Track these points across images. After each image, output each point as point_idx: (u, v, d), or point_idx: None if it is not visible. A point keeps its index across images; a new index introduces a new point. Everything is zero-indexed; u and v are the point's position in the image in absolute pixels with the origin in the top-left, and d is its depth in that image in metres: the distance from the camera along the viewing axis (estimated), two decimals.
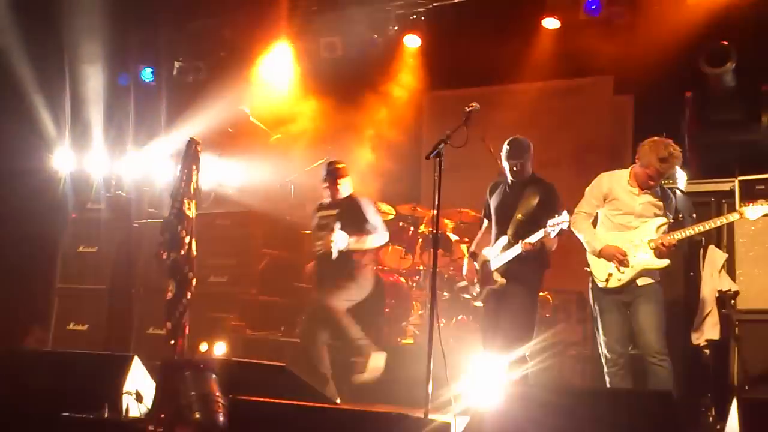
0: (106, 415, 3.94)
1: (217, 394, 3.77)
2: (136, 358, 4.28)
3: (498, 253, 5.19)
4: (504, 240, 5.16)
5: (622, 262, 4.81)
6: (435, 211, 4.58)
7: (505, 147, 5.30)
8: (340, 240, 5.72)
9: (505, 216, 5.27)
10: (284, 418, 3.59)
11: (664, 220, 4.86)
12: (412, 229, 7.71)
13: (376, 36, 8.67)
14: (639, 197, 4.90)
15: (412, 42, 8.72)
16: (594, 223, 5.09)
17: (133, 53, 9.56)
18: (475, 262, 5.47)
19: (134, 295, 7.83)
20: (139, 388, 4.13)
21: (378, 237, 5.97)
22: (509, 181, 5.30)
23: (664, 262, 4.79)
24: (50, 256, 8.26)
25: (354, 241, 5.80)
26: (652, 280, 4.86)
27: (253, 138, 8.81)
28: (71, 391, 4.11)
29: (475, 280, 5.41)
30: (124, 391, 4.08)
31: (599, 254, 4.91)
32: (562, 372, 6.36)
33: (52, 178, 8.92)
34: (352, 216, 5.89)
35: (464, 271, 5.58)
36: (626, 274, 4.82)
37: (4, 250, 8.31)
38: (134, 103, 9.51)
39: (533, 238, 4.93)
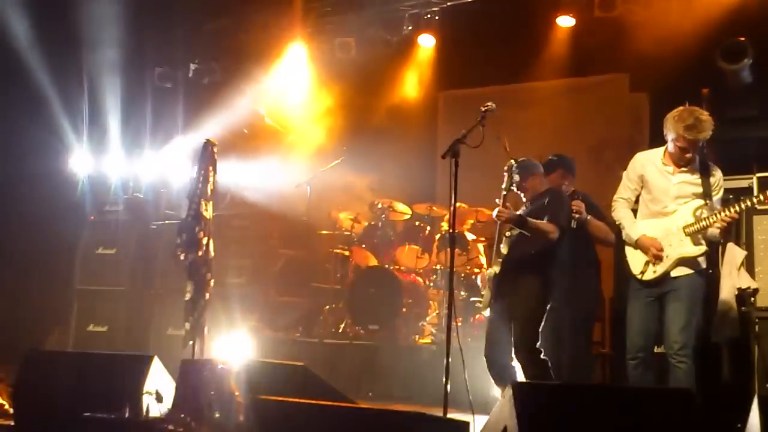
0: (126, 415, 3.97)
1: (237, 393, 3.79)
2: (156, 358, 4.31)
3: None
4: None
5: (658, 256, 4.60)
6: (451, 210, 4.58)
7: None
8: None
9: None
10: (303, 417, 3.60)
11: (700, 202, 4.59)
12: (428, 228, 7.71)
13: (389, 36, 8.67)
14: (674, 176, 4.65)
15: (426, 41, 8.71)
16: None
17: (150, 55, 9.61)
18: None
19: (153, 296, 7.87)
20: (159, 388, 4.16)
21: None
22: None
23: (701, 249, 4.57)
24: (69, 257, 8.33)
25: None
26: (690, 271, 4.60)
27: (268, 139, 8.85)
28: (92, 391, 4.15)
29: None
30: (144, 391, 4.10)
31: (635, 245, 4.72)
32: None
33: (70, 181, 9.01)
34: None
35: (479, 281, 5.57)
36: (661, 266, 4.61)
37: (24, 253, 8.40)
38: (151, 105, 9.57)
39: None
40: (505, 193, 5.08)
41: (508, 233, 5.12)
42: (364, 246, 7.81)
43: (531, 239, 4.99)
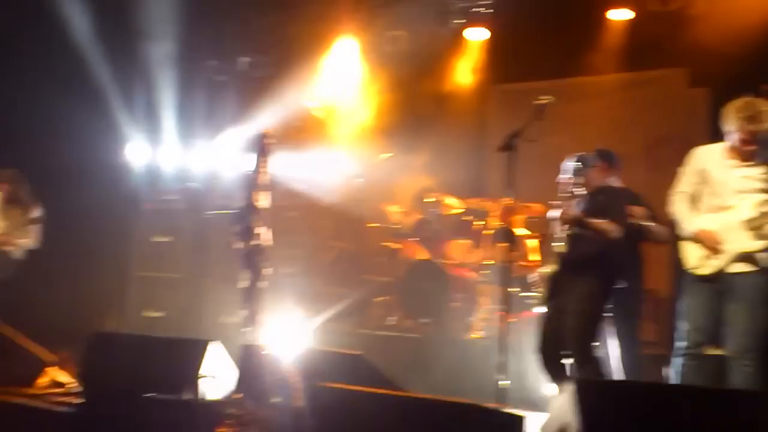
0: (186, 397, 4.06)
1: (296, 379, 3.84)
2: (213, 342, 4.38)
3: None
4: None
5: (716, 249, 4.48)
6: (506, 205, 4.58)
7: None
8: None
9: None
10: (361, 404, 3.64)
11: (763, 197, 4.42)
12: (479, 223, 7.68)
13: (441, 29, 8.64)
14: (736, 170, 4.52)
15: (478, 35, 8.66)
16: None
17: (203, 49, 9.75)
18: None
19: (207, 283, 8.01)
20: (218, 372, 4.24)
21: None
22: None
23: (762, 244, 4.40)
24: (124, 244, 8.54)
25: None
26: (751, 268, 4.44)
27: (319, 131, 8.92)
28: (152, 372, 4.25)
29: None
30: (201, 375, 4.18)
31: (692, 238, 4.60)
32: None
33: (127, 170, 9.21)
34: None
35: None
36: (719, 261, 4.49)
37: (82, 239, 8.62)
38: (204, 97, 9.72)
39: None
40: (569, 194, 5.05)
41: (565, 231, 5.09)
42: (414, 239, 7.83)
43: (590, 238, 4.96)
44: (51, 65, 8.28)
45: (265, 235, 5.53)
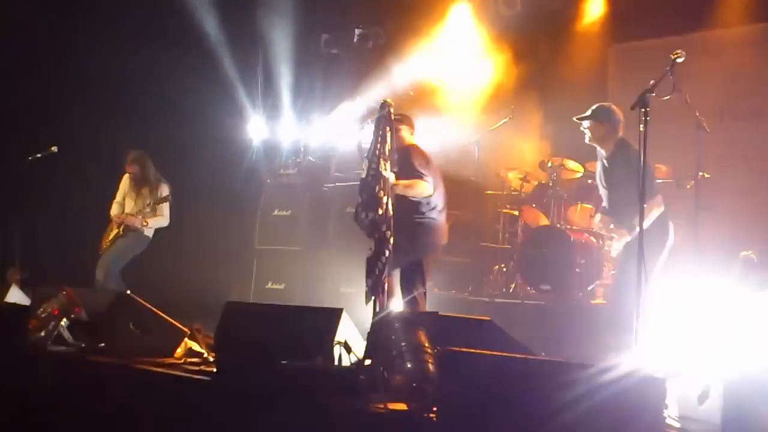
0: (320, 364, 4.14)
1: (427, 345, 3.86)
2: (344, 311, 4.44)
3: None
4: None
5: None
6: (641, 165, 4.41)
7: None
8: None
9: None
10: (490, 368, 3.60)
11: None
12: None
13: None
14: None
15: None
16: None
17: (318, 23, 9.86)
18: None
19: (326, 255, 8.17)
20: (348, 339, 4.30)
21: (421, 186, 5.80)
22: None
23: None
24: (249, 218, 8.80)
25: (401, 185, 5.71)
26: None
27: (435, 100, 8.87)
28: (286, 341, 4.36)
29: None
30: (335, 342, 4.25)
31: None
32: None
33: (247, 146, 9.49)
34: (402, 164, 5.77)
35: None
36: None
37: (209, 216, 8.94)
38: (319, 71, 9.84)
39: None
40: None
41: None
42: (534, 205, 7.69)
43: None
44: (177, 49, 8.55)
45: (389, 204, 5.55)
